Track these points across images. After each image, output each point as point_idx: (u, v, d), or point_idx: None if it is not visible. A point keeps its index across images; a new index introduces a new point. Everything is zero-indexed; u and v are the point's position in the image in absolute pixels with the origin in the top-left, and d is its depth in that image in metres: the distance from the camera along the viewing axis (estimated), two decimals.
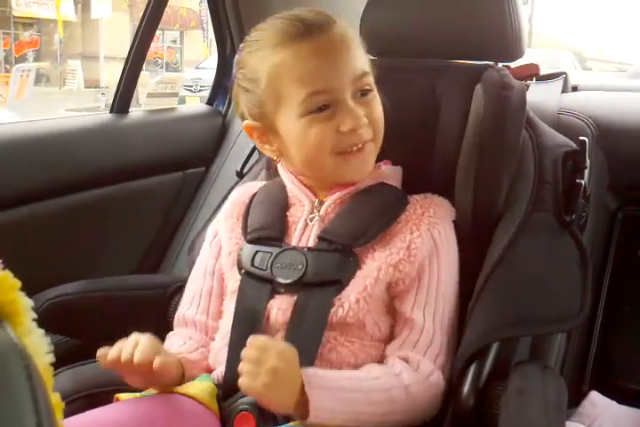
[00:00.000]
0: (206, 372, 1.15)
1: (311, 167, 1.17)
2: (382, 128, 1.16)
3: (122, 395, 1.09)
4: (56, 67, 15.67)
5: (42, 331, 0.55)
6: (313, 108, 1.09)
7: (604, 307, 1.73)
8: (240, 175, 1.53)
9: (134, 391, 1.11)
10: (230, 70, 2.16)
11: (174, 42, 20.34)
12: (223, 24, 2.08)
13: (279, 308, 1.10)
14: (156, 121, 2.00)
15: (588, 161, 1.26)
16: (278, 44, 1.10)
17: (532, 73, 1.72)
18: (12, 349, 0.44)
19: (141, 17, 1.91)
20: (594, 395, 1.51)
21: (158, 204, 1.92)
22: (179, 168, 1.99)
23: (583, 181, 1.24)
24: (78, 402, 1.11)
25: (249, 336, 1.03)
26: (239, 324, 1.13)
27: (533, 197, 1.23)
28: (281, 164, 1.25)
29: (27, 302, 0.53)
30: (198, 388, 1.07)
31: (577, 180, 1.24)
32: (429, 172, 1.31)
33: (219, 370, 1.13)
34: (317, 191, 1.20)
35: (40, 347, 0.54)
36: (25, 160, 1.60)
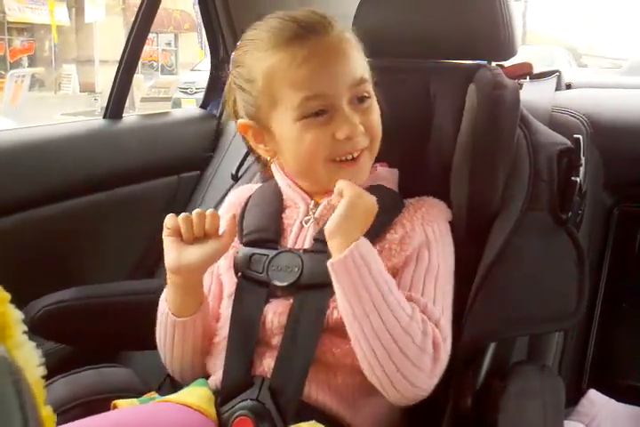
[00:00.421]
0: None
1: (304, 173, 1.16)
2: (379, 136, 1.15)
3: (120, 401, 1.09)
4: (51, 71, 15.66)
5: (33, 343, 0.55)
6: (308, 112, 1.08)
7: (602, 304, 1.73)
8: (235, 178, 1.53)
9: (132, 398, 1.10)
10: (223, 73, 2.16)
11: (169, 44, 20.33)
12: (215, 28, 2.07)
13: (275, 312, 1.10)
14: (150, 125, 2.00)
15: (583, 158, 1.26)
16: (274, 46, 1.09)
17: (526, 72, 1.72)
18: (2, 364, 0.43)
19: (133, 21, 1.90)
20: (592, 393, 1.51)
21: (153, 208, 1.91)
22: (173, 172, 1.99)
23: (578, 179, 1.23)
24: (75, 410, 1.10)
25: (246, 342, 1.02)
26: (236, 329, 1.12)
27: (529, 196, 1.23)
28: (275, 165, 1.24)
29: (17, 315, 0.53)
30: (195, 395, 1.07)
31: (572, 177, 1.24)
32: (424, 171, 1.31)
33: (216, 375, 1.13)
34: (312, 193, 1.20)
35: (31, 360, 0.53)
36: (18, 167, 1.59)
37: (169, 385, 1.27)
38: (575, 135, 1.29)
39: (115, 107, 1.89)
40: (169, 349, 1.18)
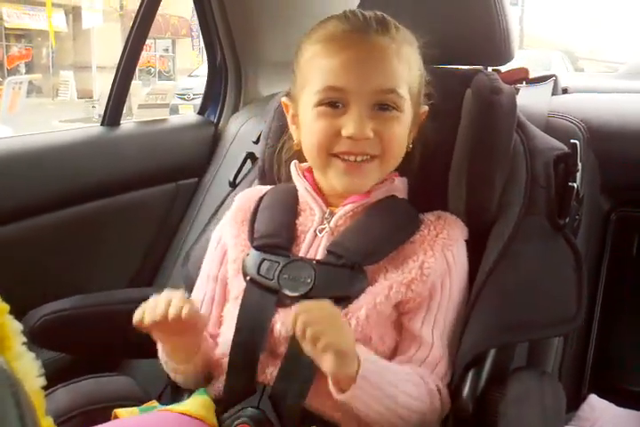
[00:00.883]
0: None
1: (312, 162, 1.18)
2: (395, 149, 1.14)
3: (120, 411, 1.08)
4: (48, 78, 15.66)
5: (33, 354, 0.55)
6: (325, 100, 1.11)
7: (601, 309, 1.73)
8: (233, 185, 1.52)
9: (133, 406, 1.10)
10: (221, 80, 2.16)
11: (166, 50, 20.35)
12: (212, 34, 2.08)
13: (283, 322, 1.08)
14: (148, 132, 2.00)
15: (580, 164, 1.26)
16: (325, 36, 1.13)
17: (522, 77, 1.72)
18: (1, 376, 0.43)
19: (131, 27, 1.90)
20: (593, 398, 1.51)
21: (152, 215, 1.91)
22: (171, 179, 1.99)
23: (575, 184, 1.24)
24: (75, 419, 1.10)
25: (251, 349, 1.02)
26: (241, 334, 1.11)
27: (526, 201, 1.23)
28: (294, 165, 1.24)
29: (16, 326, 0.53)
30: (195, 404, 1.07)
31: (569, 183, 1.24)
32: (424, 176, 1.31)
33: (218, 381, 1.13)
34: (330, 200, 1.19)
35: (30, 371, 0.53)
36: (16, 175, 1.60)
37: (169, 394, 1.27)
38: (572, 140, 1.29)
39: (112, 114, 1.89)
40: (172, 374, 1.19)
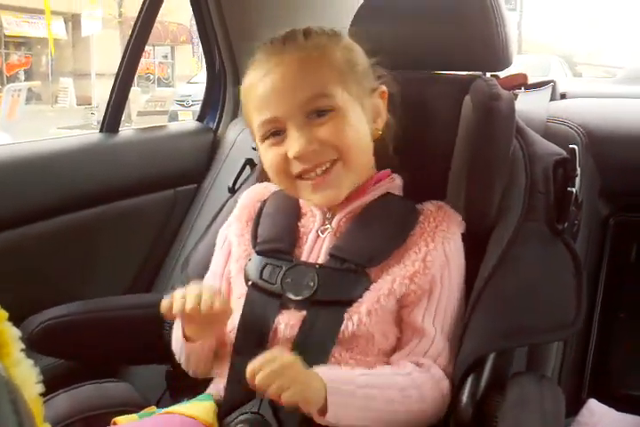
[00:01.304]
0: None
1: (283, 188, 1.19)
2: (352, 147, 1.12)
3: (120, 419, 1.08)
4: (47, 85, 15.68)
5: (31, 361, 0.54)
6: (266, 134, 1.12)
7: (600, 314, 1.73)
8: (232, 191, 1.53)
9: (132, 413, 1.10)
10: (220, 86, 2.17)
11: (165, 57, 20.38)
12: (211, 41, 2.08)
13: (287, 323, 1.09)
14: (147, 139, 2.00)
15: (579, 169, 1.26)
16: (251, 64, 1.15)
17: (521, 82, 1.73)
18: None
19: (130, 35, 1.90)
20: (592, 403, 1.51)
21: (151, 222, 1.91)
22: (170, 186, 1.99)
23: (574, 189, 1.24)
24: (74, 425, 1.10)
25: (254, 350, 1.02)
26: (244, 337, 1.12)
27: (525, 206, 1.23)
28: None
29: (14, 333, 0.53)
30: (198, 407, 1.07)
31: (568, 188, 1.24)
32: (423, 181, 1.31)
33: (220, 383, 1.13)
34: None
35: (29, 378, 0.53)
36: (15, 181, 1.60)
37: (168, 399, 1.27)
38: (570, 145, 1.29)
39: (111, 120, 1.89)
40: (185, 361, 1.20)
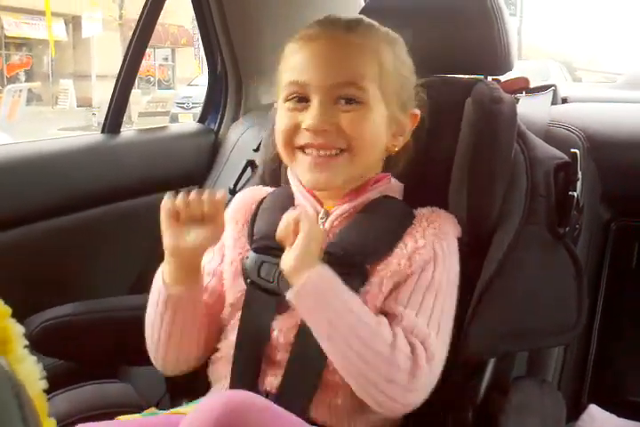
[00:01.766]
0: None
1: (283, 158, 1.18)
2: (364, 144, 1.11)
3: (123, 418, 1.08)
4: (48, 86, 15.70)
5: (34, 358, 0.55)
6: (290, 96, 1.12)
7: (601, 319, 1.73)
8: (233, 192, 1.53)
9: (131, 413, 1.10)
10: (221, 88, 2.17)
11: (166, 59, 20.42)
12: (213, 43, 2.08)
13: (281, 329, 1.08)
14: (148, 140, 2.00)
15: (580, 173, 1.27)
16: (298, 36, 1.15)
17: (522, 86, 1.73)
18: (3, 377, 0.43)
19: (131, 36, 1.91)
20: (593, 408, 1.51)
21: (152, 223, 1.89)
22: (172, 187, 1.97)
23: (576, 193, 1.24)
24: (74, 425, 1.10)
25: (255, 353, 1.01)
26: (245, 339, 1.11)
27: (526, 210, 1.23)
28: (289, 169, 1.24)
29: (18, 329, 0.53)
30: None
31: (569, 192, 1.24)
32: (424, 184, 1.31)
33: (220, 385, 1.12)
34: (324, 200, 1.18)
35: (33, 374, 0.53)
36: (16, 182, 1.60)
37: (168, 401, 1.27)
38: (572, 149, 1.29)
39: (113, 121, 1.89)
40: (164, 331, 1.12)
